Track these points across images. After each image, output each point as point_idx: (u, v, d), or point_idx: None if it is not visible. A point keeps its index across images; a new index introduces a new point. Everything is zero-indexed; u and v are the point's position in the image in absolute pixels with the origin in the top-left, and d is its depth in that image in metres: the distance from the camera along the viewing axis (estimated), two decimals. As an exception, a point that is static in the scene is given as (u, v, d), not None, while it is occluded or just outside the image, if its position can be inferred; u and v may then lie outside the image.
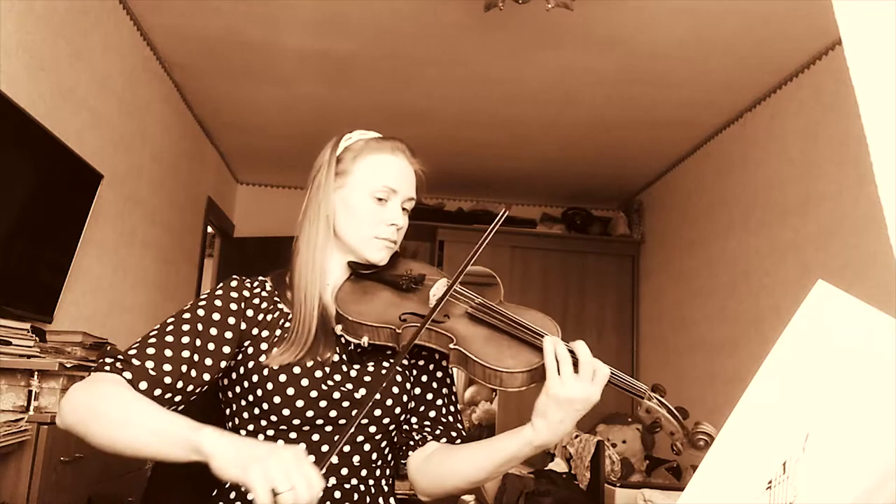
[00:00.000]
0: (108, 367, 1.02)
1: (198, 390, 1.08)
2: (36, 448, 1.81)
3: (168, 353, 1.05)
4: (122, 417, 0.95)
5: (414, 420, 1.21)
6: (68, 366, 2.01)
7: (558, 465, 3.49)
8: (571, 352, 1.02)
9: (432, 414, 1.21)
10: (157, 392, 1.02)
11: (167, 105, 3.77)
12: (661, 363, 4.72)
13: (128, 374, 1.01)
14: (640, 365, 5.07)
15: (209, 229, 4.92)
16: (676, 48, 3.10)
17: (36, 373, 1.92)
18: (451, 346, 1.06)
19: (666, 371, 4.60)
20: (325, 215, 1.18)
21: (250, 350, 1.13)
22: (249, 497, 1.09)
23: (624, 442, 4.12)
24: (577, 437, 3.52)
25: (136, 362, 1.02)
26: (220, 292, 1.16)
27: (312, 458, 1.09)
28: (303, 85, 3.73)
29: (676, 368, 4.41)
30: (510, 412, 4.89)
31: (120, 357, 1.03)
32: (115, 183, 3.03)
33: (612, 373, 1.02)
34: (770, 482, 0.63)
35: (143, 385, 1.01)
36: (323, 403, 1.10)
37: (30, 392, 1.90)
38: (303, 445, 0.95)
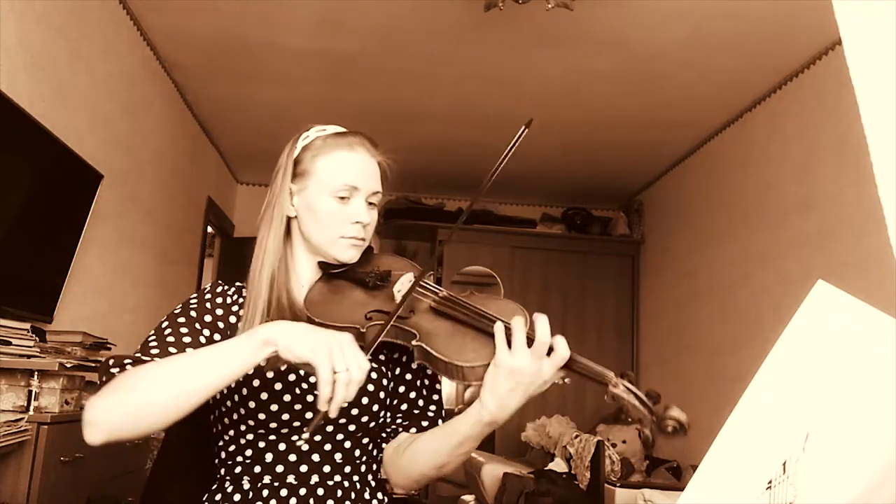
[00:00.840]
0: (116, 372, 1.03)
1: None
2: (36, 448, 1.81)
3: (173, 350, 1.08)
4: (177, 367, 0.98)
5: (388, 414, 1.20)
6: (68, 366, 2.01)
7: (558, 465, 3.49)
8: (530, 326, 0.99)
9: (404, 407, 1.21)
10: None
11: (167, 105, 3.77)
12: (661, 363, 4.72)
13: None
14: (640, 365, 5.07)
15: (209, 229, 4.92)
16: (676, 48, 3.10)
17: (36, 373, 1.92)
18: (414, 342, 1.05)
19: (666, 371, 4.60)
20: (280, 218, 1.18)
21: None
22: (246, 487, 1.10)
23: (624, 442, 4.12)
24: (577, 437, 3.52)
25: (146, 359, 1.05)
26: (195, 303, 1.17)
27: (294, 457, 1.10)
28: (303, 85, 3.73)
29: (676, 368, 4.41)
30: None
31: (128, 361, 1.05)
32: (115, 183, 3.03)
33: (573, 357, 0.98)
34: (770, 482, 0.63)
35: None
36: (298, 406, 1.10)
37: (30, 392, 1.90)
38: (351, 336, 0.95)
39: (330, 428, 1.12)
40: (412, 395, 1.22)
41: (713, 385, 3.82)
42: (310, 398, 1.11)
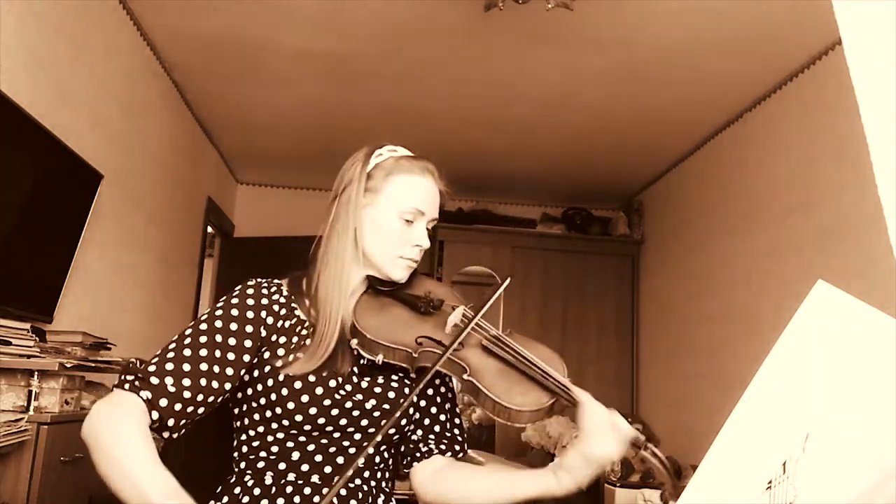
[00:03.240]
0: (127, 386, 1.03)
1: (219, 399, 1.09)
2: (36, 448, 1.81)
3: (187, 367, 1.05)
4: (115, 460, 0.95)
5: (420, 432, 1.25)
6: (68, 366, 2.01)
7: (558, 465, 3.49)
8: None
9: (437, 428, 1.25)
10: (178, 407, 1.03)
11: (167, 105, 3.77)
12: (661, 363, 4.72)
13: (146, 394, 1.02)
14: (640, 365, 5.07)
15: (209, 229, 4.92)
16: (676, 48, 3.10)
17: (36, 373, 1.92)
18: (465, 376, 1.09)
19: (666, 371, 4.60)
20: (353, 230, 1.20)
21: (266, 355, 1.14)
22: (268, 482, 1.12)
23: (624, 442, 4.11)
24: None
25: (154, 381, 1.03)
26: (236, 300, 1.15)
27: (320, 457, 1.13)
28: (303, 85, 3.73)
29: (676, 368, 4.41)
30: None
31: (140, 375, 1.04)
32: (115, 183, 3.03)
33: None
34: (770, 482, 0.63)
35: (164, 402, 1.02)
36: (335, 412, 1.13)
37: (30, 392, 1.90)
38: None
39: (358, 436, 1.15)
40: (442, 417, 1.26)
41: (713, 385, 3.82)
42: (348, 404, 1.13)
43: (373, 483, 1.18)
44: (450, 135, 4.33)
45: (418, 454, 1.23)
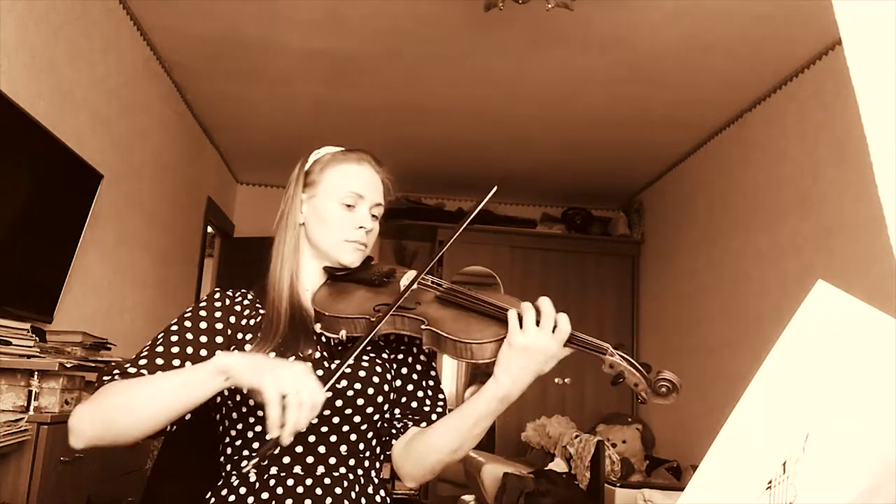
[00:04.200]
0: (107, 378, 1.09)
1: None
2: (36, 448, 1.81)
3: (160, 361, 1.12)
4: (142, 394, 1.04)
5: (397, 411, 1.26)
6: (68, 366, 2.01)
7: (558, 465, 3.49)
8: (536, 309, 1.09)
9: (414, 404, 1.27)
10: None
11: (167, 105, 3.77)
12: (661, 363, 4.68)
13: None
14: (640, 365, 5.06)
15: (209, 229, 4.92)
16: (676, 48, 3.10)
17: (36, 373, 1.92)
18: (423, 327, 1.12)
19: (666, 371, 4.60)
20: (294, 224, 1.28)
21: (235, 352, 1.17)
22: (252, 479, 1.13)
23: (624, 442, 4.12)
24: (577, 437, 3.52)
25: (132, 370, 1.10)
26: (204, 303, 1.23)
27: (301, 448, 1.14)
28: (303, 85, 3.73)
29: (677, 368, 4.36)
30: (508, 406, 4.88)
31: (116, 372, 1.10)
32: (115, 183, 3.03)
33: (574, 332, 1.10)
34: (770, 482, 0.63)
35: None
36: None
37: (30, 392, 1.90)
38: (309, 365, 1.02)
39: (336, 419, 1.16)
40: (419, 393, 1.28)
41: (713, 385, 3.82)
42: None
43: (360, 472, 1.18)
44: (450, 135, 4.33)
45: (394, 431, 1.25)
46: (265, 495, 1.11)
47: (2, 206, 2.16)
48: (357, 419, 1.17)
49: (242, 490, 1.13)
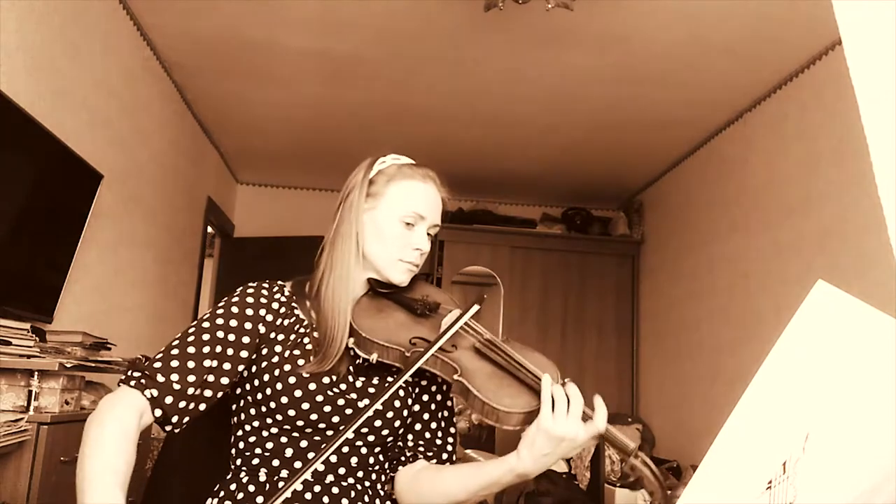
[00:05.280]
0: (133, 383, 1.06)
1: (219, 394, 1.13)
2: (36, 448, 1.81)
3: (191, 364, 1.09)
4: (85, 470, 0.95)
5: (409, 437, 1.25)
6: (68, 366, 2.01)
7: (558, 465, 3.49)
8: (567, 396, 1.06)
9: (427, 435, 1.26)
10: (182, 404, 1.07)
11: (167, 105, 3.77)
12: (661, 363, 4.72)
13: (151, 392, 1.05)
14: (640, 365, 5.07)
15: (209, 229, 4.92)
16: (676, 48, 3.10)
17: (36, 373, 1.92)
18: (455, 377, 1.10)
19: (666, 371, 4.60)
20: (356, 234, 1.23)
21: (265, 351, 1.17)
22: (262, 479, 1.14)
23: (624, 442, 4.11)
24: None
25: (160, 378, 1.07)
26: (237, 298, 1.20)
27: (313, 454, 1.14)
28: (303, 85, 3.73)
29: (676, 368, 4.41)
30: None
31: (146, 372, 1.07)
32: (115, 183, 3.03)
33: (607, 428, 1.05)
34: (770, 482, 0.63)
35: (169, 399, 1.06)
36: (327, 409, 1.15)
37: (30, 392, 1.90)
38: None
39: (351, 434, 1.15)
40: (433, 425, 1.27)
41: (713, 385, 3.82)
42: (341, 402, 1.15)
43: (367, 483, 1.19)
44: (450, 135, 4.33)
45: (403, 458, 1.24)
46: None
47: (2, 206, 2.16)
48: (371, 438, 1.18)
49: (252, 488, 1.13)
